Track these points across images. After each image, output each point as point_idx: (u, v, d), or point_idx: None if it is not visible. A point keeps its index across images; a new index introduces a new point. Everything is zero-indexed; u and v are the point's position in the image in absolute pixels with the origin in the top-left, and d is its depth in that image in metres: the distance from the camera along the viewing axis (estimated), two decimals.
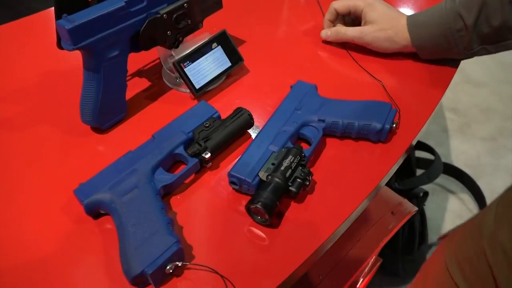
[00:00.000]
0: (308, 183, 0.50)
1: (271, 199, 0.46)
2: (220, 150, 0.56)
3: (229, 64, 0.67)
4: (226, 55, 0.66)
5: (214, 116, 0.57)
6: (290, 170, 0.49)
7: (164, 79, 0.69)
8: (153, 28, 0.57)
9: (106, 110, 0.57)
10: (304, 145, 0.57)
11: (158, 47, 0.62)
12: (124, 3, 0.52)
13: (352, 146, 0.59)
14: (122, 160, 0.51)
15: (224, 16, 0.70)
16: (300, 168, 0.50)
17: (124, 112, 0.61)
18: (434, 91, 0.66)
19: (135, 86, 0.66)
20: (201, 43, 0.64)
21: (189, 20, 0.61)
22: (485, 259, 0.45)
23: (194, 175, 0.54)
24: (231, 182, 0.51)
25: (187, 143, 0.54)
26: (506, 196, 0.48)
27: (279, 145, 0.54)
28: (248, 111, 0.58)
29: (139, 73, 0.69)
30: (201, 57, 0.64)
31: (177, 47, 0.62)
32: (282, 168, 0.49)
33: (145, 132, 0.55)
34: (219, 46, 0.66)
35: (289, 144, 0.55)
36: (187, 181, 0.54)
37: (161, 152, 0.52)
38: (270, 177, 0.49)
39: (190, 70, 0.63)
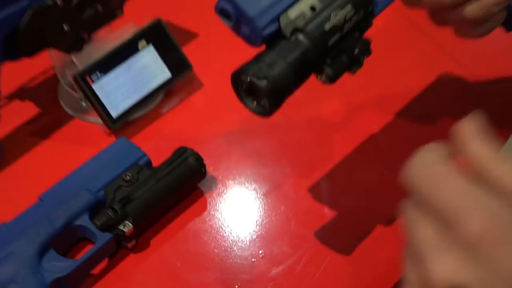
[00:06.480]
0: (357, 66, 0.45)
1: (285, 75, 0.40)
2: (150, 219, 0.56)
3: (169, 74, 0.66)
4: (163, 60, 0.66)
5: (140, 162, 0.57)
6: (338, 34, 0.43)
7: (61, 101, 0.68)
8: (40, 21, 0.56)
9: None
10: None
11: (51, 50, 0.62)
12: None
13: None
14: None
15: None
16: (354, 34, 0.45)
17: None
18: None
19: (13, 115, 0.65)
20: (120, 41, 0.64)
21: (99, 5, 0.61)
22: None
23: (107, 261, 0.54)
24: (221, 11, 0.42)
25: (95, 209, 0.54)
26: None
27: None
28: (196, 152, 0.58)
29: (19, 94, 0.68)
30: (120, 64, 0.64)
31: (80, 49, 0.62)
32: (328, 26, 0.42)
33: (28, 192, 0.55)
34: (151, 46, 0.66)
35: None
36: (95, 271, 0.53)
37: (52, 223, 0.52)
38: (297, 33, 0.42)
39: (102, 86, 0.62)
